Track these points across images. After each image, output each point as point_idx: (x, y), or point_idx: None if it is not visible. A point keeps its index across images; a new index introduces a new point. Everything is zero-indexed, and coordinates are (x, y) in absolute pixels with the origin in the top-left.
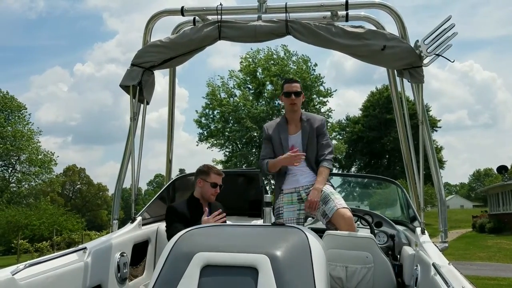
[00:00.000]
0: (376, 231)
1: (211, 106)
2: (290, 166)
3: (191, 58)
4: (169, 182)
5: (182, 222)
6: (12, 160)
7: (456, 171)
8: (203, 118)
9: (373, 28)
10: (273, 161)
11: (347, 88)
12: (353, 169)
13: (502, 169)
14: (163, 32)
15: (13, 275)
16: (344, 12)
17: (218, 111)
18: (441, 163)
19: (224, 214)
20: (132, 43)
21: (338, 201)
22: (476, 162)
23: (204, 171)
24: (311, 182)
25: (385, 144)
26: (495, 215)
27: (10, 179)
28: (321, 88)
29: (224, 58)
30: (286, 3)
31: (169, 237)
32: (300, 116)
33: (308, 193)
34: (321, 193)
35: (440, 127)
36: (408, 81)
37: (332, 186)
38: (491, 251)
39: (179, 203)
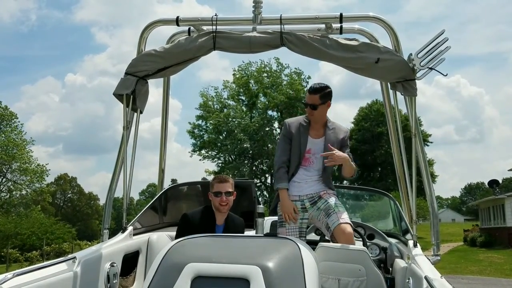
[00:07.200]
0: (368, 244)
1: (204, 116)
2: (299, 169)
3: (182, 71)
4: (161, 191)
5: (190, 230)
6: (4, 169)
7: (445, 185)
8: (196, 129)
9: (367, 41)
10: (280, 193)
11: (334, 103)
12: (345, 181)
13: (493, 183)
14: (155, 43)
15: (1, 284)
16: (339, 25)
17: (211, 122)
18: (433, 177)
19: None
20: (123, 56)
21: (341, 215)
22: (465, 176)
23: (210, 184)
24: (316, 191)
25: (377, 157)
26: (486, 229)
27: (1, 188)
28: None
29: (214, 72)
30: (281, 15)
31: None
32: (326, 122)
33: (312, 202)
34: (328, 199)
35: (431, 142)
36: (401, 94)
37: (337, 197)
38: (482, 265)
39: (194, 211)
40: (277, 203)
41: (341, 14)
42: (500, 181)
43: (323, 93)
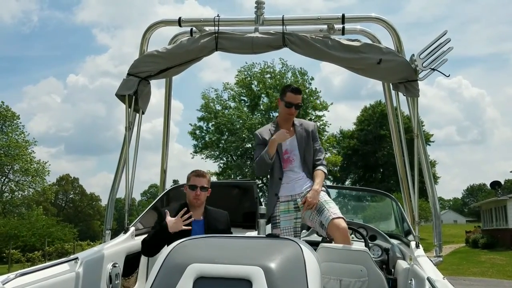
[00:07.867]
0: (370, 245)
1: (205, 118)
2: (285, 172)
3: (184, 72)
4: (163, 192)
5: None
6: (6, 170)
7: (447, 186)
8: (198, 131)
9: (369, 42)
10: (266, 148)
11: (335, 103)
12: (347, 182)
13: (495, 184)
14: (158, 44)
15: (3, 284)
16: (341, 26)
17: (213, 123)
18: (435, 178)
19: (188, 214)
20: (124, 57)
21: (333, 210)
22: (466, 178)
23: (187, 177)
24: (306, 189)
25: (379, 158)
26: (488, 230)
27: (3, 189)
28: (317, 101)
29: (216, 73)
30: (283, 15)
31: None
32: (292, 121)
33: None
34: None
35: (433, 142)
36: (404, 95)
37: (327, 192)
38: (484, 266)
39: (171, 207)
40: (271, 214)
41: (343, 15)
42: (502, 183)
43: (302, 96)
